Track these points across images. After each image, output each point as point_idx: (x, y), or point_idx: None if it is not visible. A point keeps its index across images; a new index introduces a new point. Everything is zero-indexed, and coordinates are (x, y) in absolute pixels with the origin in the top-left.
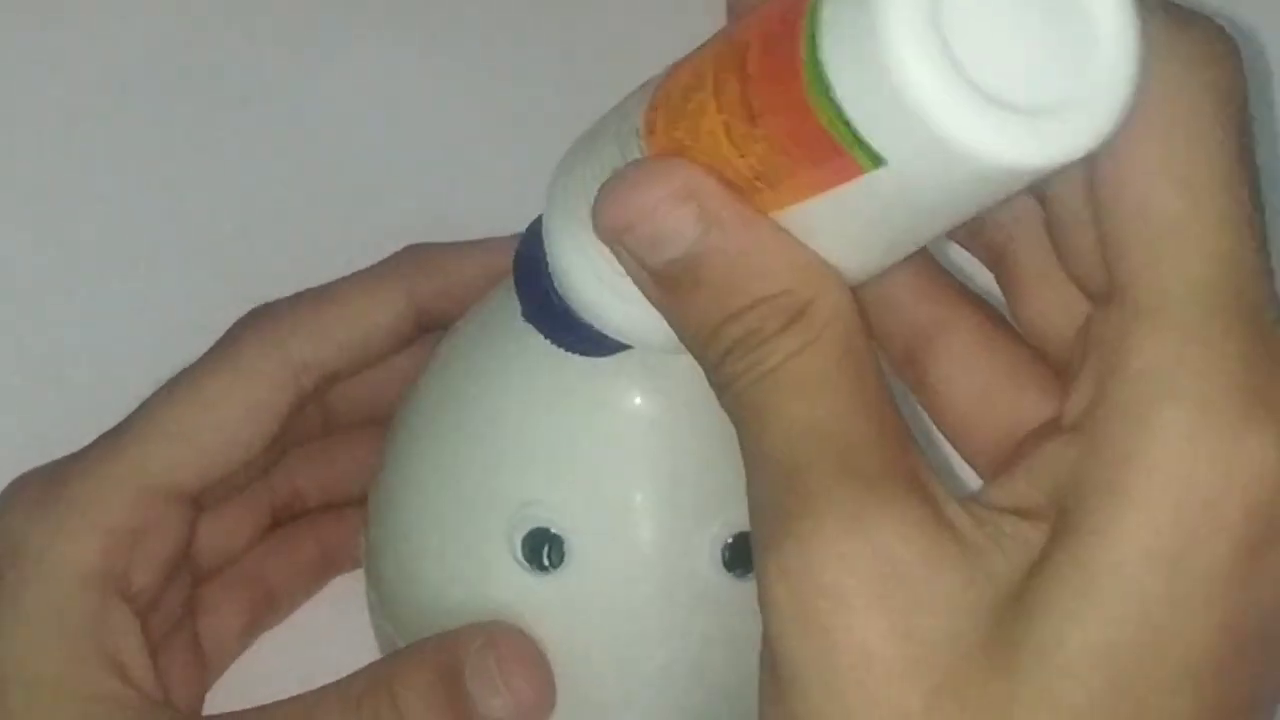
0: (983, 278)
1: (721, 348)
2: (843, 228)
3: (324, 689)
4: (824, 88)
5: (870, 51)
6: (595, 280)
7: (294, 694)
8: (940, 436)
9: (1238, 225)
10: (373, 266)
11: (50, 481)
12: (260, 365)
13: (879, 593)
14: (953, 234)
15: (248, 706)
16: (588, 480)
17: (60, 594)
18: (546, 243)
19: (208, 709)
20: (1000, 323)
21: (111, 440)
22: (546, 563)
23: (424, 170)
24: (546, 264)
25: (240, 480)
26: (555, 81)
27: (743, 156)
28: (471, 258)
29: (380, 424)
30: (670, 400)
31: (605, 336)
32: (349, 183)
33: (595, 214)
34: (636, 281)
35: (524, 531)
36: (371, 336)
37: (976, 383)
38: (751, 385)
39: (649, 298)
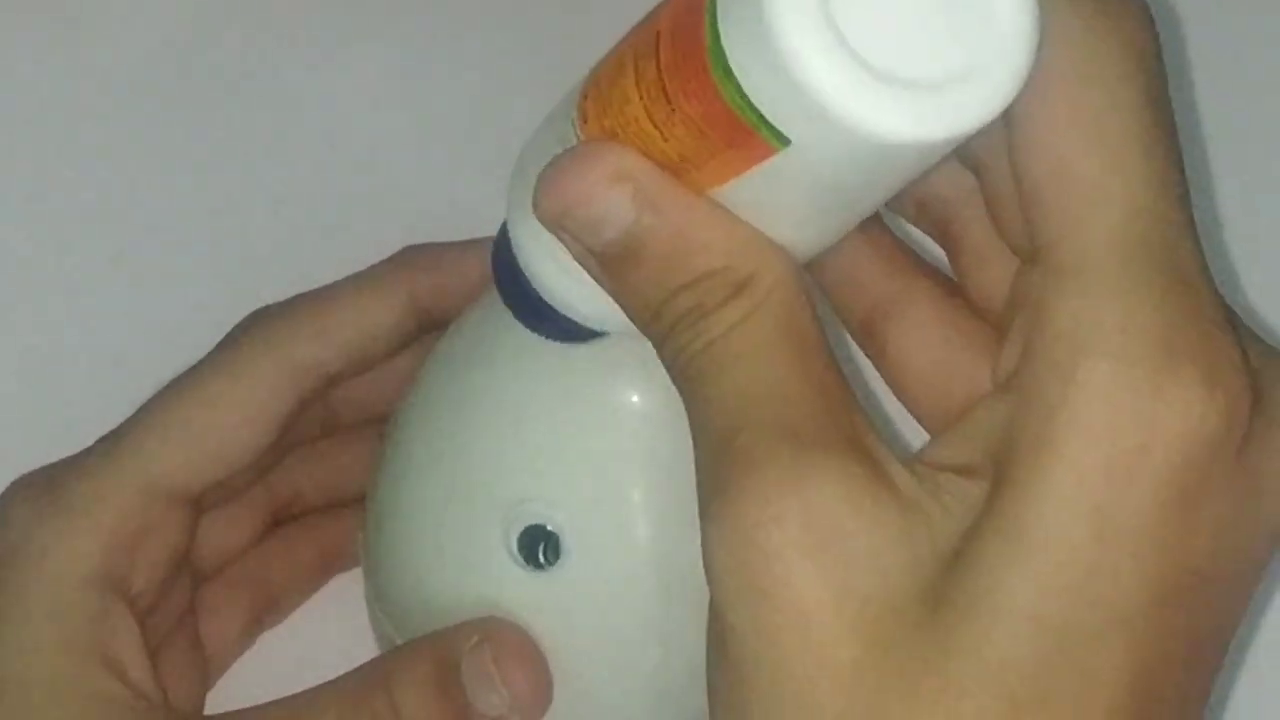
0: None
1: (666, 323)
2: (768, 205)
3: (321, 687)
4: (727, 71)
5: (762, 34)
6: (555, 267)
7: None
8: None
9: (1154, 179)
10: (372, 267)
11: (51, 483)
12: (261, 367)
13: (815, 550)
14: (900, 210)
15: (247, 706)
16: (583, 477)
17: (60, 595)
18: (510, 234)
19: (208, 709)
20: (957, 294)
21: (112, 442)
22: (543, 560)
23: (424, 170)
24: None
25: (241, 482)
26: (555, 82)
27: (666, 140)
28: (470, 257)
29: (380, 424)
30: (666, 397)
31: (574, 324)
32: (349, 183)
33: (535, 201)
34: (582, 264)
35: (520, 528)
36: (372, 337)
37: (933, 353)
38: (695, 357)
39: (596, 280)
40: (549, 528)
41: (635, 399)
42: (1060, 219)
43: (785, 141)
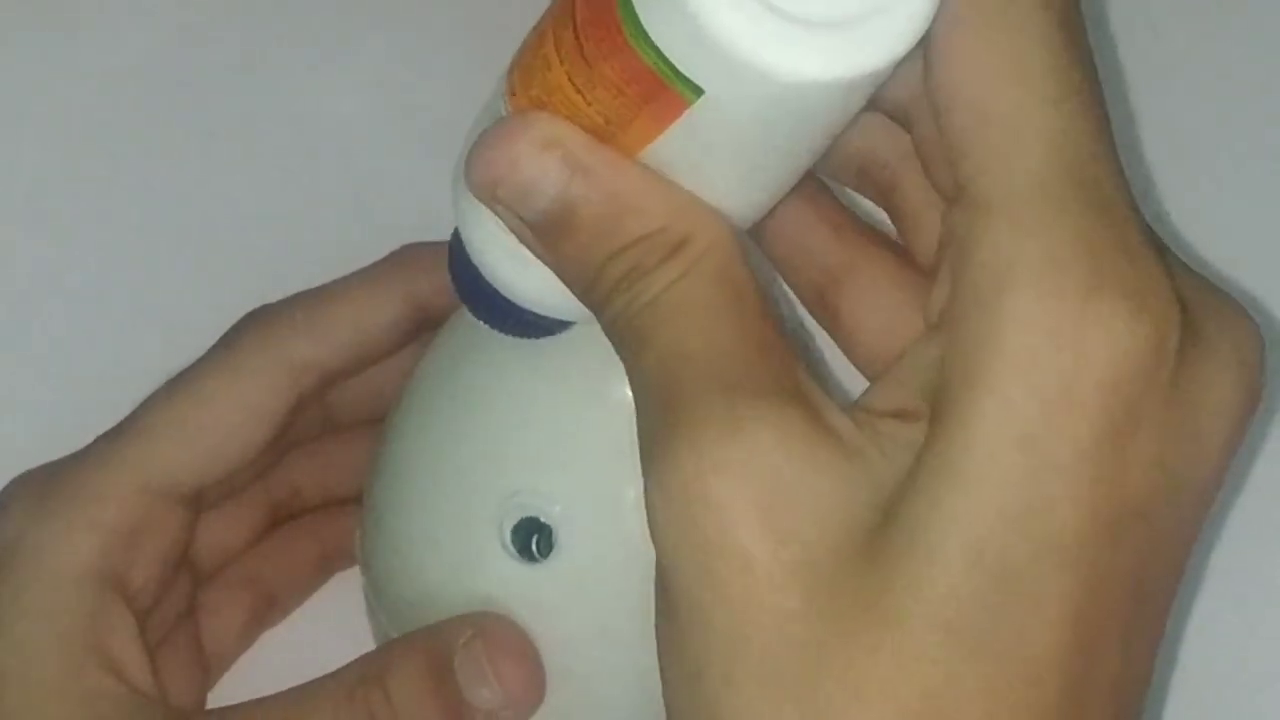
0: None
1: (604, 289)
2: (695, 164)
3: (317, 681)
4: (637, 25)
5: None
6: (503, 253)
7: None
8: None
9: (1070, 110)
10: (370, 266)
11: (48, 480)
12: (259, 365)
13: (755, 498)
14: (843, 178)
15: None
16: (577, 471)
17: (57, 592)
18: (460, 231)
19: (208, 708)
20: (906, 259)
21: (110, 440)
22: (536, 552)
23: (422, 170)
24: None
25: (241, 480)
26: None
27: (589, 104)
28: None
29: (379, 422)
30: None
31: (536, 316)
32: (348, 183)
33: (466, 176)
34: (520, 239)
35: (514, 521)
36: (370, 336)
37: (885, 317)
38: (632, 318)
39: (535, 253)
40: (543, 520)
41: (629, 393)
42: (978, 155)
43: (698, 92)
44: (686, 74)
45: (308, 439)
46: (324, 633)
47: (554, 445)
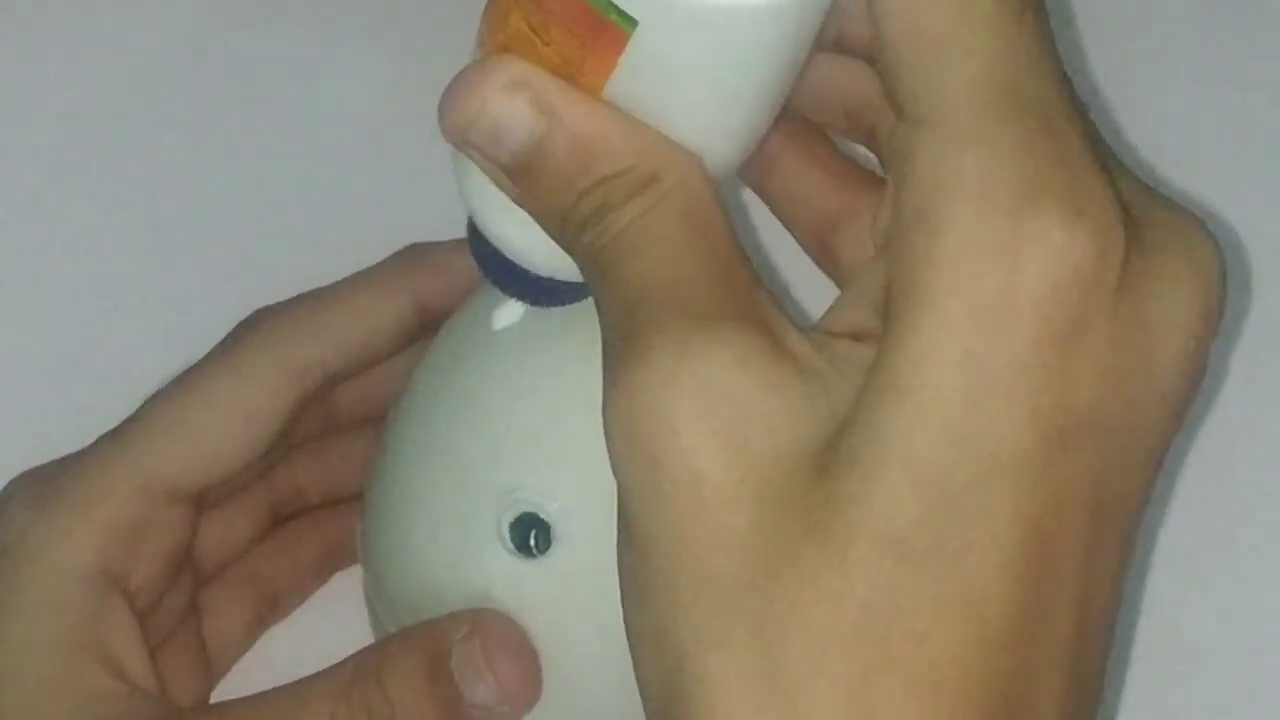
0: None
1: (575, 226)
2: (652, 99)
3: (315, 676)
4: None
5: None
6: (501, 214)
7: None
8: None
9: (1008, 26)
10: (374, 267)
11: (49, 479)
12: (262, 366)
13: (706, 415)
14: (833, 123)
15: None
16: (576, 467)
17: (57, 591)
18: (459, 191)
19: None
20: None
21: (111, 439)
22: (534, 548)
23: (426, 170)
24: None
25: (243, 480)
26: None
27: (547, 45)
28: (469, 256)
29: (381, 421)
30: None
31: (549, 280)
32: (351, 183)
33: (440, 122)
34: (497, 184)
35: (512, 517)
36: (373, 336)
37: None
38: (601, 250)
39: (509, 196)
40: (541, 516)
41: None
42: (915, 74)
43: (632, 23)
44: (618, 4)
45: (310, 438)
46: (325, 631)
47: (552, 441)
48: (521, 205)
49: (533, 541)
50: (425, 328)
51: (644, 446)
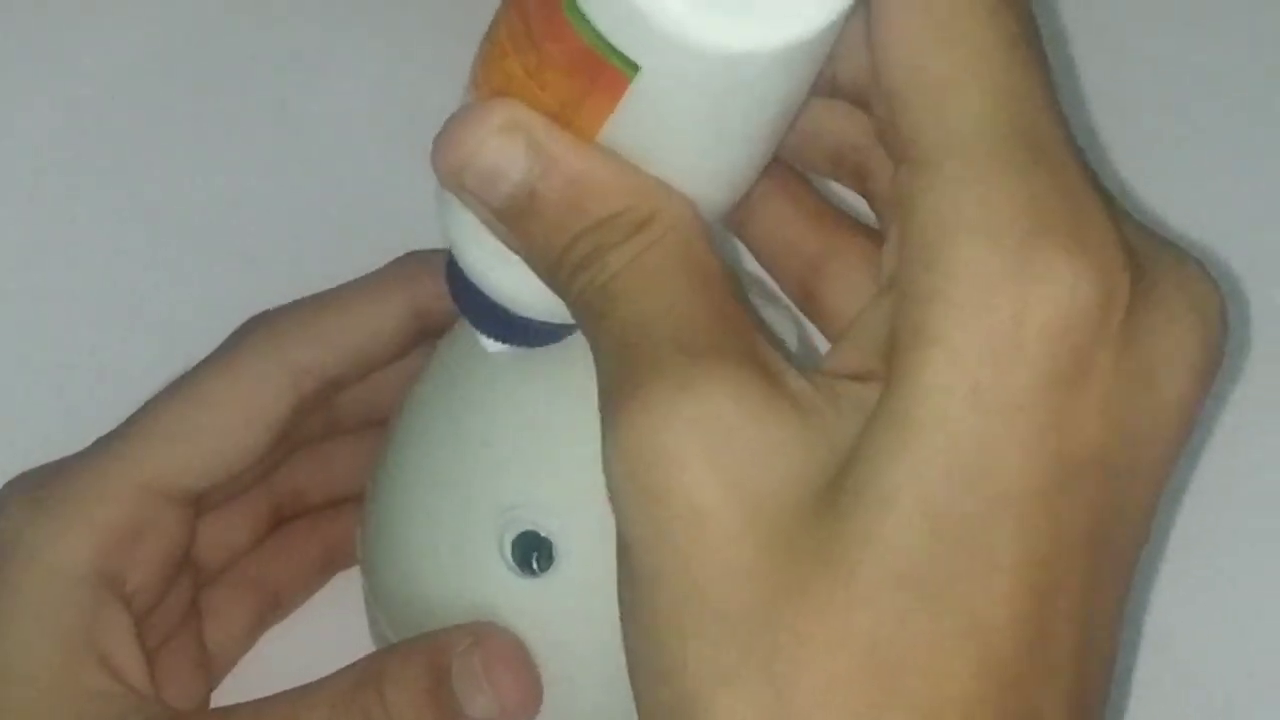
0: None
1: (568, 269)
2: (648, 143)
3: (314, 684)
4: (573, 5)
5: None
6: (488, 256)
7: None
8: None
9: (1008, 65)
10: (373, 273)
11: (47, 480)
12: (260, 369)
13: (709, 452)
14: (818, 167)
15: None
16: (578, 485)
17: (53, 591)
18: (446, 238)
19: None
20: None
21: (109, 441)
22: (535, 566)
23: (426, 176)
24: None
25: (243, 483)
26: None
27: (543, 89)
28: None
29: (382, 426)
30: None
31: (531, 322)
32: (352, 188)
33: (433, 163)
34: (490, 228)
35: (514, 534)
36: (372, 342)
37: (864, 303)
38: (596, 293)
39: (504, 242)
40: (542, 534)
41: None
42: (916, 113)
43: (635, 68)
44: (622, 50)
45: (311, 441)
46: (325, 634)
47: (553, 459)
48: (513, 248)
49: (534, 559)
50: (424, 334)
51: (645, 483)
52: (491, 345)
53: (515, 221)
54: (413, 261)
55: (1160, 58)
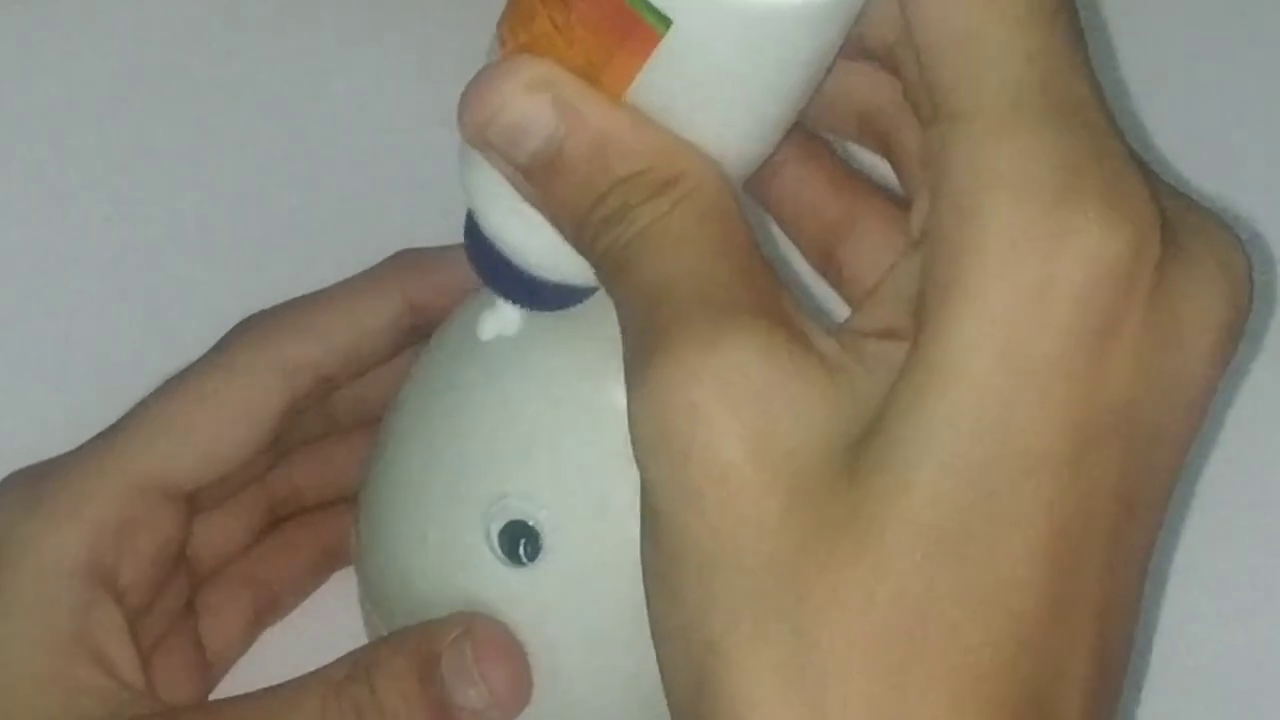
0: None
1: (593, 227)
2: (676, 101)
3: (306, 676)
4: None
5: None
6: (507, 212)
7: None
8: None
9: (1043, 27)
10: (366, 271)
11: (40, 477)
12: (254, 366)
13: (734, 408)
14: (844, 130)
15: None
16: (566, 475)
17: (46, 586)
18: (466, 197)
19: None
20: (906, 211)
21: (103, 438)
22: (523, 555)
23: (421, 176)
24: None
25: (239, 481)
26: None
27: (571, 46)
28: (463, 261)
29: (377, 424)
30: None
31: (547, 283)
32: (346, 188)
33: (459, 119)
34: (514, 185)
35: (501, 524)
36: (365, 339)
37: (885, 268)
38: (620, 250)
39: (525, 198)
40: (530, 524)
41: (620, 399)
42: (952, 71)
43: (667, 23)
44: (654, 3)
45: (308, 441)
46: (322, 633)
47: (542, 449)
48: (537, 207)
49: (521, 549)
50: (418, 331)
51: (672, 440)
52: (489, 327)
53: (540, 179)
54: (406, 258)
55: (1194, 23)
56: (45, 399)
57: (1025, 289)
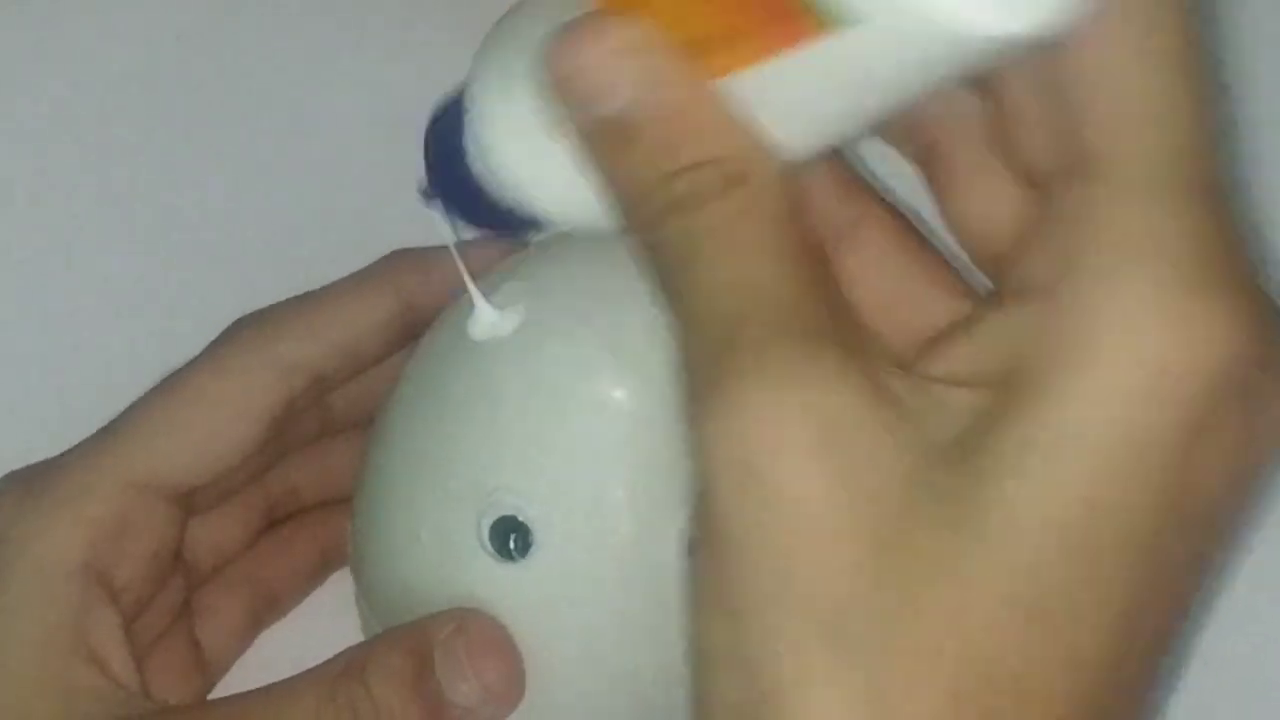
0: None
1: (657, 207)
2: (792, 96)
3: (301, 675)
4: None
5: None
6: (525, 147)
7: None
8: None
9: (1200, 103)
10: (361, 270)
11: (36, 477)
12: (248, 365)
13: (817, 447)
14: (890, 135)
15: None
16: (556, 471)
17: (42, 586)
18: (473, 110)
19: None
20: (910, 227)
21: (97, 438)
22: (514, 551)
23: (420, 177)
24: (462, 138)
25: (236, 482)
26: None
27: (696, 14)
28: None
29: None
30: (643, 392)
31: (516, 214)
32: (350, 190)
33: (545, 59)
34: (581, 139)
35: (492, 519)
36: (360, 337)
37: (887, 281)
38: (690, 242)
39: (587, 154)
40: (520, 519)
41: (610, 393)
42: (1110, 132)
43: (841, 24)
44: (840, 4)
45: (305, 441)
46: (321, 633)
47: (533, 445)
48: (599, 169)
49: (512, 544)
50: (413, 330)
51: (752, 473)
52: (479, 327)
53: (608, 142)
54: (399, 258)
55: None
56: (44, 399)
57: (1152, 370)
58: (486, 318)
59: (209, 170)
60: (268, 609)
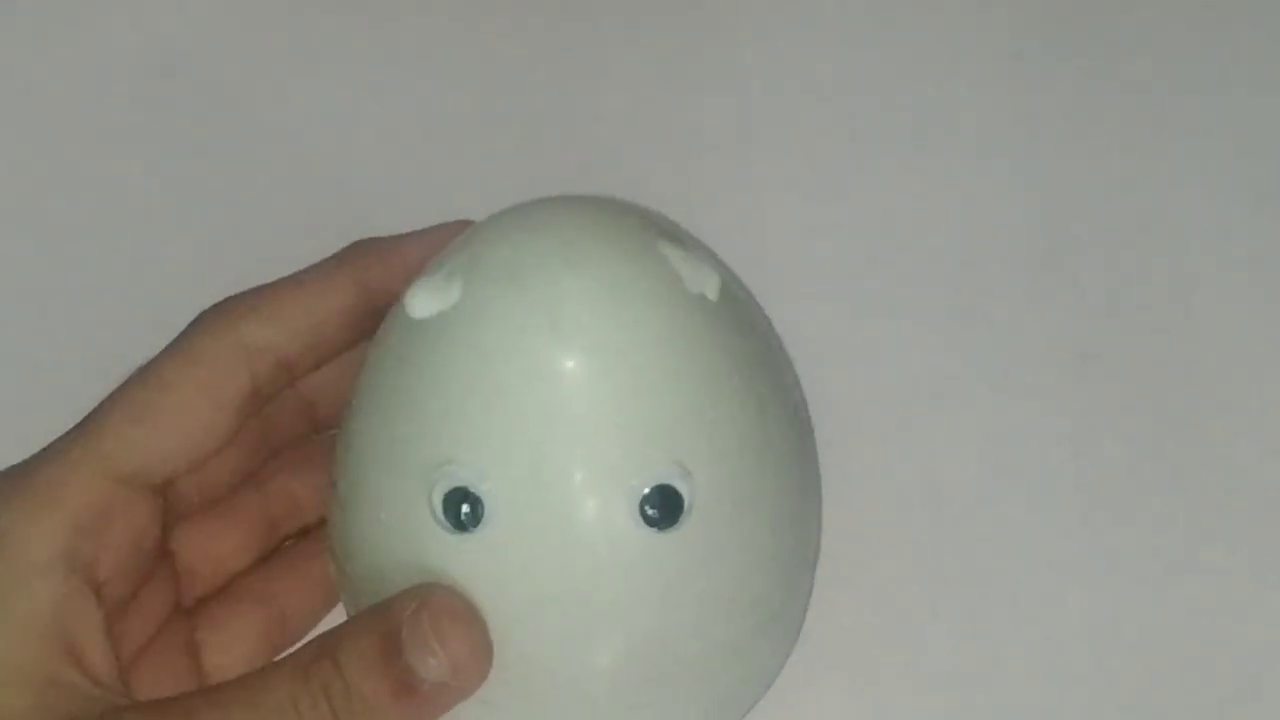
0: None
1: None
2: None
3: (274, 662)
4: None
5: None
6: None
7: None
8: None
9: None
10: (325, 258)
11: (14, 472)
12: (214, 350)
13: None
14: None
15: None
16: (500, 439)
17: (20, 578)
18: None
19: None
20: None
21: (76, 430)
22: (466, 522)
23: (421, 173)
24: None
25: (219, 479)
26: (539, 89)
27: None
28: (416, 245)
29: None
30: (583, 359)
31: None
32: (350, 190)
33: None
34: None
35: (443, 491)
36: (323, 323)
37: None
38: None
39: None
40: (471, 490)
41: (555, 362)
42: None
43: None
44: None
45: (293, 443)
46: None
47: (478, 416)
48: None
49: (464, 516)
50: (377, 315)
51: None
52: (419, 306)
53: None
54: (361, 246)
55: None
56: (43, 398)
57: None
58: (425, 294)
59: (210, 166)
60: (280, 629)
